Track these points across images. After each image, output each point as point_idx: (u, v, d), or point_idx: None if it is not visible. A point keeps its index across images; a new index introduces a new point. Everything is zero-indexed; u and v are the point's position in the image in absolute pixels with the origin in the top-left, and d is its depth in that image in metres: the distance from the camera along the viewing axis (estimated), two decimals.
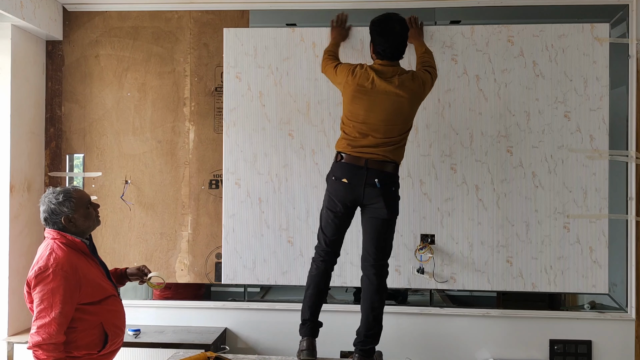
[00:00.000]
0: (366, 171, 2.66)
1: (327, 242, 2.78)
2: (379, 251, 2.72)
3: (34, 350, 2.22)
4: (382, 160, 2.68)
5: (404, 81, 2.67)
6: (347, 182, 2.68)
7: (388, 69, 2.70)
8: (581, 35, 3.18)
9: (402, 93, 2.66)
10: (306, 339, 2.74)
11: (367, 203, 2.70)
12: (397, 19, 2.72)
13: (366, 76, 2.69)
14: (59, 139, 3.43)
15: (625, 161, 3.18)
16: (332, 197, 2.75)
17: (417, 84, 2.70)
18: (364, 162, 2.67)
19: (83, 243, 2.41)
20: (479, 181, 3.21)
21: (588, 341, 3.19)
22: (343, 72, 2.78)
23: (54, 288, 2.24)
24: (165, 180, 3.37)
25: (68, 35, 3.43)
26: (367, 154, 2.67)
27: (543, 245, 3.18)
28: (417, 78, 2.72)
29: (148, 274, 2.71)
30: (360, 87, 2.68)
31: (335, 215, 2.74)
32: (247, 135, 3.30)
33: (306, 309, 2.77)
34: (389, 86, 2.65)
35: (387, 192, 2.68)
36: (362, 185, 2.66)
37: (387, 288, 2.76)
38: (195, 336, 3.15)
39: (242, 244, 3.30)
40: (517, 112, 3.20)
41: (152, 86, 3.38)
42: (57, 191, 2.39)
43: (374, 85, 2.66)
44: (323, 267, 2.78)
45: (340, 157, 2.74)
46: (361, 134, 2.69)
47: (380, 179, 2.65)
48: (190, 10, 3.37)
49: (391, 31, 2.68)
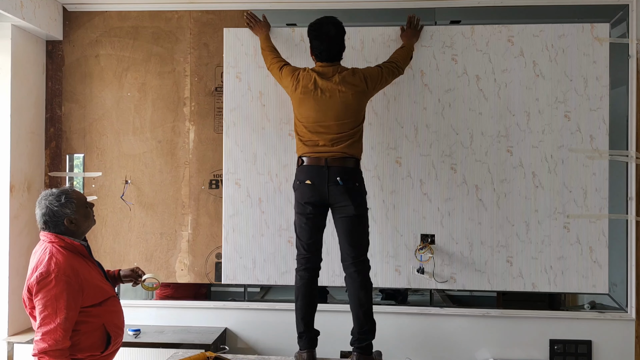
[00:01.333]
0: (327, 170, 2.71)
1: (305, 247, 2.78)
2: (355, 248, 2.73)
3: (40, 357, 2.19)
4: (341, 157, 2.73)
5: (345, 77, 2.75)
6: (311, 182, 2.73)
7: (328, 70, 2.78)
8: (581, 35, 3.18)
9: (343, 89, 2.73)
10: (306, 351, 2.73)
11: (334, 202, 2.73)
12: (333, 22, 2.80)
13: (309, 78, 2.77)
14: (59, 139, 3.43)
15: (625, 161, 3.18)
16: (299, 201, 2.78)
17: (358, 79, 2.77)
18: (324, 161, 2.72)
19: (82, 246, 2.39)
20: (479, 181, 3.21)
21: (588, 341, 3.19)
22: (288, 77, 2.85)
23: (58, 294, 2.22)
24: (165, 180, 3.37)
25: (68, 35, 3.43)
26: (325, 152, 2.73)
27: (543, 245, 3.18)
28: (358, 73, 2.79)
29: (142, 276, 2.68)
30: (304, 89, 2.76)
31: (306, 217, 2.76)
32: (247, 135, 3.30)
33: (299, 321, 2.77)
34: (330, 84, 2.73)
35: (350, 188, 2.71)
36: (326, 184, 2.70)
37: (371, 283, 2.76)
38: (195, 336, 3.15)
39: (242, 244, 3.30)
40: (517, 112, 3.20)
41: (152, 86, 3.38)
42: (56, 193, 2.36)
43: (317, 85, 2.74)
44: (307, 276, 2.78)
45: (301, 161, 2.80)
46: (316, 134, 2.75)
47: (341, 176, 2.69)
48: (190, 10, 3.37)
49: (326, 34, 2.77)
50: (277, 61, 2.98)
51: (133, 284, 2.67)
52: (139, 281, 2.67)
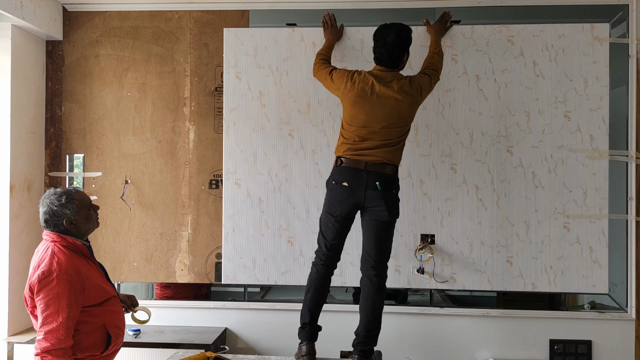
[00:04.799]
0: (366, 174, 2.68)
1: (327, 247, 2.78)
2: (380, 253, 2.73)
3: (43, 356, 2.19)
4: (382, 162, 2.70)
5: (403, 86, 2.72)
6: (348, 185, 2.70)
7: (386, 75, 2.75)
8: (581, 35, 3.18)
9: (400, 97, 2.70)
10: (306, 343, 2.74)
11: (368, 205, 2.71)
12: (395, 29, 2.74)
13: (365, 81, 2.73)
14: (59, 139, 3.43)
15: (625, 161, 3.18)
16: (333, 201, 2.76)
17: (414, 89, 2.74)
18: (363, 165, 2.69)
19: (84, 245, 2.39)
20: (479, 181, 3.21)
21: (588, 341, 3.19)
22: (340, 79, 2.80)
23: (60, 293, 2.22)
24: (165, 180, 3.37)
25: (68, 35, 3.43)
26: (366, 156, 2.70)
27: (543, 245, 3.18)
28: (414, 83, 2.76)
29: (136, 306, 2.65)
30: (361, 92, 2.71)
31: (335, 219, 2.75)
32: (247, 135, 3.30)
33: (306, 312, 2.77)
34: (388, 90, 2.70)
35: (387, 194, 2.70)
36: (363, 188, 2.68)
37: (386, 289, 2.77)
38: (195, 336, 3.15)
39: (242, 244, 3.30)
40: (517, 112, 3.20)
41: (152, 86, 3.38)
42: (59, 192, 2.35)
43: (374, 90, 2.70)
44: (323, 271, 2.79)
45: (340, 161, 2.76)
46: (361, 138, 2.72)
47: (380, 181, 2.67)
48: (190, 10, 3.37)
49: (384, 39, 2.73)
50: (326, 66, 2.94)
51: (125, 311, 2.61)
52: (131, 310, 2.64)
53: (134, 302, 2.67)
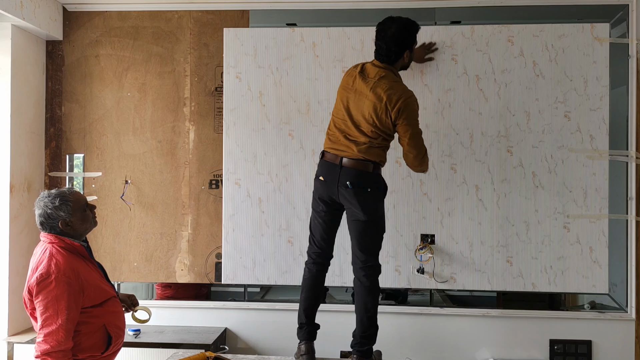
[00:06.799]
0: (340, 169, 2.63)
1: (316, 243, 2.78)
2: (365, 253, 2.69)
3: (43, 359, 2.18)
4: (356, 158, 2.62)
5: (379, 85, 2.59)
6: (323, 179, 2.69)
7: (374, 70, 2.66)
8: (581, 35, 3.18)
9: (370, 96, 2.60)
10: (304, 342, 2.74)
11: (345, 204, 2.68)
12: (399, 22, 2.65)
13: (351, 74, 2.71)
14: (59, 139, 3.43)
15: (625, 161, 3.18)
16: (315, 196, 2.77)
17: (387, 97, 2.55)
18: (339, 160, 2.65)
19: (82, 246, 2.38)
20: (479, 181, 3.21)
21: (588, 341, 3.19)
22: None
23: (58, 295, 2.21)
24: (165, 180, 3.37)
25: (68, 35, 3.43)
26: (342, 151, 2.66)
27: (543, 245, 3.18)
28: (394, 93, 2.56)
29: (137, 306, 2.64)
30: (345, 84, 2.72)
31: (318, 214, 2.75)
32: (247, 135, 3.30)
33: (302, 313, 2.77)
34: (363, 85, 2.64)
35: (360, 193, 2.61)
36: (336, 183, 2.64)
37: (379, 288, 2.74)
38: (195, 336, 3.15)
39: (242, 244, 3.30)
40: (517, 112, 3.20)
41: (152, 86, 3.38)
42: (53, 194, 2.33)
43: (355, 83, 2.67)
44: (315, 270, 2.78)
45: (322, 155, 2.76)
46: (340, 131, 2.69)
47: (352, 179, 2.60)
48: (190, 10, 3.37)
49: (385, 32, 2.64)
50: None
51: (125, 311, 2.59)
52: (132, 309, 2.63)
53: (134, 301, 2.66)
